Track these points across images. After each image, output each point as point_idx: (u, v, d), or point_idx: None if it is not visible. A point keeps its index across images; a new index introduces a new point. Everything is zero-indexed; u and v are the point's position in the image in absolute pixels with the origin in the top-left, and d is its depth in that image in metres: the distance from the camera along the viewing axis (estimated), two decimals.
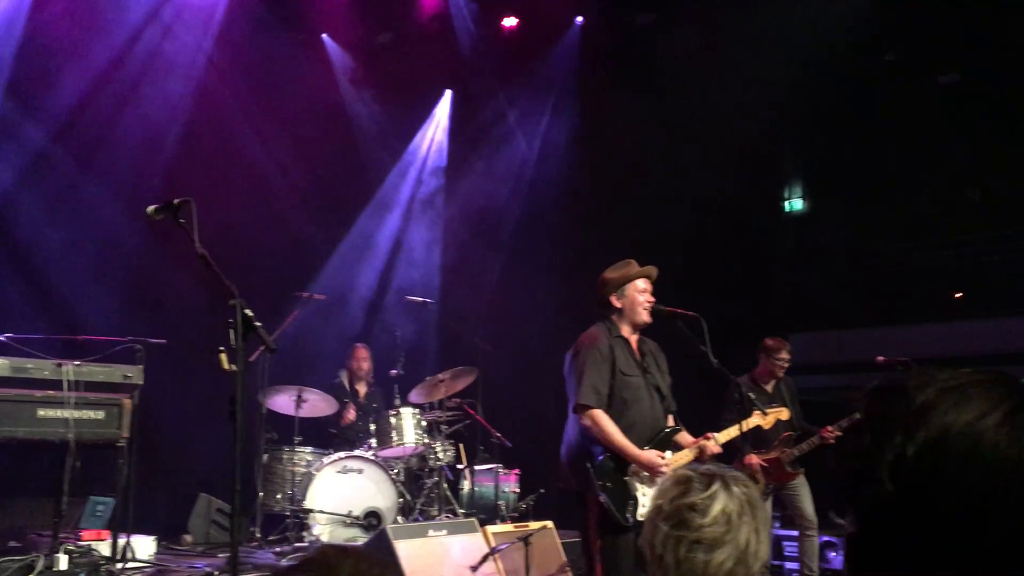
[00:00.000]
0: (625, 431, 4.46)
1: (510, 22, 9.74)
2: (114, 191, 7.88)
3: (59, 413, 5.31)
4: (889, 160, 9.00)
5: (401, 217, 10.22)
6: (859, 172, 9.27)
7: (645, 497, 4.43)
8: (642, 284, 4.74)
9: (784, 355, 6.68)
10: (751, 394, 5.23)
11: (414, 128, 10.41)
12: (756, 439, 6.38)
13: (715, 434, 4.71)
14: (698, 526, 1.66)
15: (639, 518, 4.38)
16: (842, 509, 7.85)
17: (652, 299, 4.75)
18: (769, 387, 6.75)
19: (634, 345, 4.76)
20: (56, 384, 5.34)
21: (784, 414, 5.23)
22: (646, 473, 4.46)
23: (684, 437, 4.70)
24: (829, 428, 6.38)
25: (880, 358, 6.77)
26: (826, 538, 7.67)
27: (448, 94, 10.52)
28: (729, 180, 9.08)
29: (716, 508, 1.68)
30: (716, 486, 1.70)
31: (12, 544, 5.97)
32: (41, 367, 5.36)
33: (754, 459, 6.17)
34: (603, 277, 4.77)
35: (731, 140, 8.83)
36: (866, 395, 1.13)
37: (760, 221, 9.72)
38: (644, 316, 4.71)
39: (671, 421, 4.76)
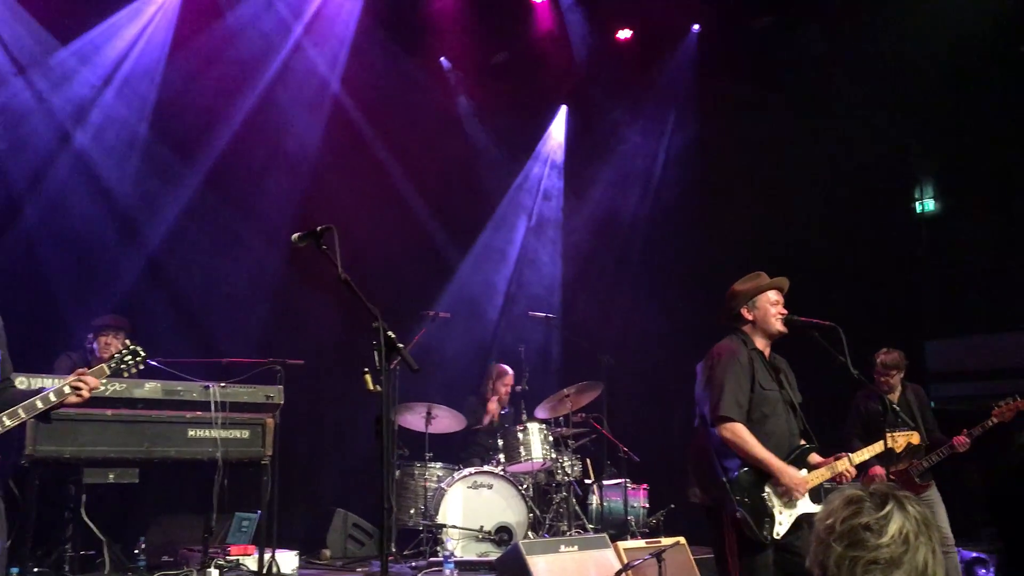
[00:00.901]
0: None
1: (624, 34, 9.74)
2: (254, 218, 8.29)
3: (208, 433, 5.57)
4: None
5: (522, 233, 10.33)
6: (996, 169, 8.81)
7: (782, 515, 4.29)
8: (774, 296, 4.62)
9: (879, 365, 6.32)
10: (896, 406, 5.02)
11: (532, 144, 10.53)
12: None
13: (849, 454, 4.51)
14: (875, 546, 1.63)
15: (775, 536, 4.26)
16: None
17: (784, 311, 4.63)
18: (894, 397, 6.46)
19: (768, 359, 4.65)
20: (204, 405, 5.60)
21: (915, 438, 4.99)
22: (783, 490, 4.33)
23: (814, 456, 4.53)
24: (961, 437, 6.07)
25: None
26: (975, 554, 7.29)
27: (563, 109, 10.60)
28: (857, 183, 8.79)
29: (893, 528, 1.64)
30: (890, 505, 1.67)
31: (165, 559, 6.29)
32: (190, 389, 5.64)
33: (879, 471, 5.92)
34: (733, 289, 4.66)
35: (858, 141, 8.56)
36: None
37: (891, 224, 9.35)
38: (778, 326, 4.57)
39: (803, 439, 4.62)
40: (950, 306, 9.03)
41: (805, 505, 4.34)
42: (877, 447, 4.63)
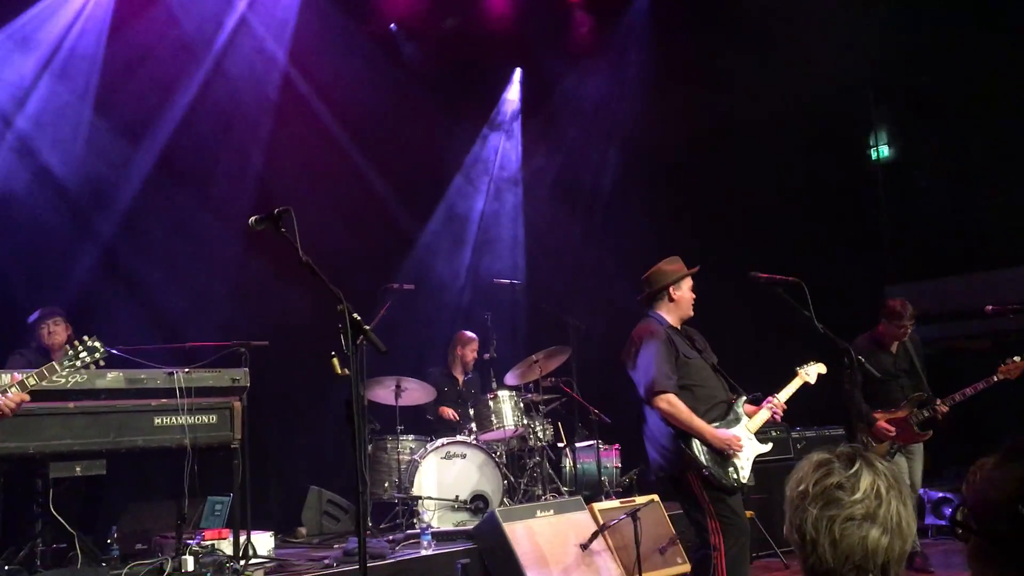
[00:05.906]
0: (699, 410, 4.59)
1: None
2: (209, 200, 8.08)
3: (175, 420, 5.47)
4: (984, 97, 8.58)
5: (482, 201, 10.24)
6: (952, 112, 8.86)
7: (740, 460, 4.61)
8: (690, 282, 4.90)
9: (906, 321, 6.28)
10: (860, 357, 5.06)
11: (488, 109, 10.41)
12: (884, 398, 6.20)
13: (775, 396, 4.80)
14: (849, 503, 1.67)
15: (743, 480, 4.60)
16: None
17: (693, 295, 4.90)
18: (893, 348, 6.44)
19: (679, 330, 4.92)
20: (169, 392, 5.50)
21: (822, 368, 5.05)
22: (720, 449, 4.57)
23: (748, 406, 4.84)
24: (943, 406, 6.12)
25: (989, 307, 6.50)
26: (941, 494, 7.47)
27: (518, 72, 10.49)
28: (812, 130, 8.81)
29: (864, 483, 1.68)
30: (859, 463, 1.71)
31: (139, 547, 6.22)
32: (154, 377, 5.53)
33: (880, 416, 6.05)
34: (662, 268, 4.92)
35: (812, 87, 8.54)
36: None
37: (848, 171, 9.41)
38: (690, 311, 4.89)
39: (732, 393, 4.88)
40: (910, 250, 9.14)
41: (755, 447, 4.71)
42: (796, 383, 4.79)
